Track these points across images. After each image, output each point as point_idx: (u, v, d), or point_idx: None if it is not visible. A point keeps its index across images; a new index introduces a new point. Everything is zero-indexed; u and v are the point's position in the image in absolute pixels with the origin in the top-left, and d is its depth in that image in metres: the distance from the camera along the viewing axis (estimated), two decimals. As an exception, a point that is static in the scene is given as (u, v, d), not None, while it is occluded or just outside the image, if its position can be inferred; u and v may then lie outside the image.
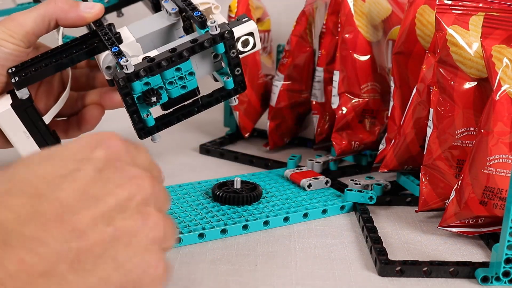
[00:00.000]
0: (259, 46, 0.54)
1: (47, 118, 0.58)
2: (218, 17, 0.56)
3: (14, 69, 0.55)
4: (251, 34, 0.53)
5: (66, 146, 0.35)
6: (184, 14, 0.55)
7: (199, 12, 0.52)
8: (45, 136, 0.59)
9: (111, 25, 0.55)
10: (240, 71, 0.53)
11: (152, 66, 0.48)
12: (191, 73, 0.51)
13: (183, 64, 0.50)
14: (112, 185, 0.33)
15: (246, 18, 0.54)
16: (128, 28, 0.56)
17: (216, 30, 0.49)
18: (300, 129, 0.79)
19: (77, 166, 0.33)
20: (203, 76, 0.53)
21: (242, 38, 0.53)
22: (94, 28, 0.56)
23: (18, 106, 0.56)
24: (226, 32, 0.50)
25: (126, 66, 0.48)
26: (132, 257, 0.32)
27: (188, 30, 0.55)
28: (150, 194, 0.34)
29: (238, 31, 0.53)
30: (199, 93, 0.53)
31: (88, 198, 0.32)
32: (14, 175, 0.32)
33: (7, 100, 0.56)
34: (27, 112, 0.56)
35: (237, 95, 0.55)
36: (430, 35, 0.58)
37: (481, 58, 0.51)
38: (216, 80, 0.55)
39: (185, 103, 0.54)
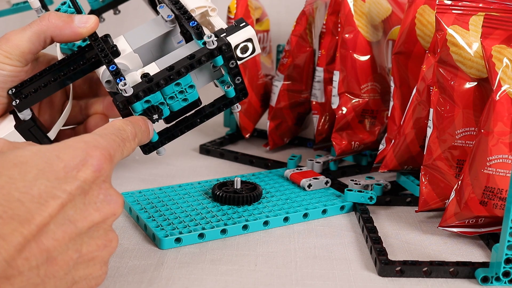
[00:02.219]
0: (258, 50, 0.54)
1: (52, 134, 0.58)
2: (215, 20, 0.55)
3: (14, 90, 0.55)
4: (249, 40, 0.53)
5: (49, 156, 0.36)
6: (180, 20, 0.55)
7: (195, 22, 0.51)
8: None
9: (107, 36, 0.54)
10: (240, 79, 0.52)
11: (151, 87, 0.48)
12: (191, 86, 0.50)
13: (182, 79, 0.49)
14: (92, 209, 0.37)
15: (244, 23, 0.53)
16: (124, 37, 0.55)
17: (213, 44, 0.49)
18: (300, 129, 0.79)
19: (59, 185, 0.35)
20: (203, 86, 0.53)
21: (241, 45, 0.52)
22: (90, 42, 0.55)
23: (22, 127, 0.56)
24: (223, 45, 0.49)
25: (124, 90, 0.48)
26: (87, 274, 0.37)
27: (186, 33, 0.55)
28: (119, 214, 0.39)
29: (236, 38, 0.52)
30: (201, 103, 0.53)
31: (65, 221, 0.35)
32: None
33: (10, 121, 0.56)
34: (31, 132, 0.56)
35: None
36: (430, 35, 0.58)
37: (481, 58, 0.51)
38: (217, 85, 0.55)
39: (188, 114, 0.53)
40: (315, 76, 0.72)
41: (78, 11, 0.58)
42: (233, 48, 0.51)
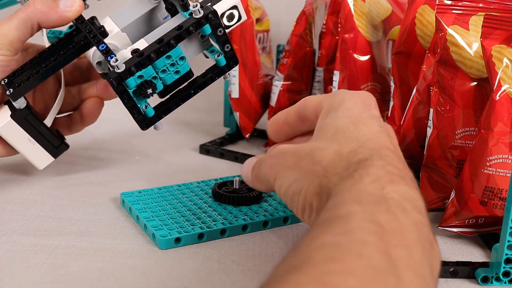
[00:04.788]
0: (244, 17, 0.54)
1: (48, 121, 0.58)
2: None
3: (6, 80, 0.55)
4: (235, 7, 0.53)
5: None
6: None
7: None
8: (49, 138, 0.59)
9: (93, 18, 0.55)
10: (229, 47, 0.53)
11: (142, 60, 0.49)
12: (182, 58, 0.51)
13: (172, 51, 0.50)
14: None
15: None
16: (111, 18, 0.56)
17: (200, 13, 0.49)
18: (300, 129, 0.79)
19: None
20: (194, 57, 0.53)
21: (227, 13, 0.53)
22: (77, 25, 0.55)
23: (18, 116, 0.56)
24: (210, 13, 0.50)
25: (117, 66, 0.48)
26: None
27: (171, 8, 0.55)
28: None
29: (221, 6, 0.53)
30: (193, 75, 0.54)
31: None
32: None
33: (6, 111, 0.57)
34: (27, 120, 0.57)
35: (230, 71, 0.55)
36: (430, 35, 0.58)
37: (481, 58, 0.51)
38: (207, 57, 0.56)
39: (181, 87, 0.54)
40: (315, 76, 0.72)
41: None
42: (219, 15, 0.51)
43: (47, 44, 0.58)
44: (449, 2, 0.52)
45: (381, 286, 0.27)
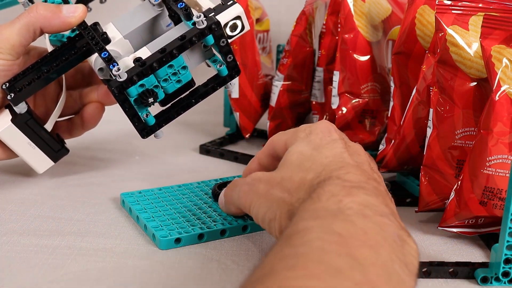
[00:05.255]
0: (247, 27, 0.54)
1: (48, 126, 0.58)
2: (203, 1, 0.55)
3: (8, 84, 0.55)
4: (238, 17, 0.53)
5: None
6: (167, 3, 0.55)
7: (183, 4, 0.52)
8: (50, 143, 0.59)
9: (96, 24, 0.55)
10: (232, 57, 0.53)
11: (144, 70, 0.48)
12: (184, 67, 0.51)
13: (175, 61, 0.50)
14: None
15: (231, 1, 0.54)
16: (113, 24, 0.55)
17: (203, 24, 0.49)
18: (300, 129, 0.79)
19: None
20: (196, 66, 0.53)
21: (230, 23, 0.53)
22: (80, 31, 0.55)
23: (19, 121, 0.56)
24: (213, 24, 0.50)
25: (119, 75, 0.48)
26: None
27: (174, 16, 0.55)
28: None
29: (225, 16, 0.53)
30: (195, 84, 0.54)
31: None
32: None
33: (7, 116, 0.57)
34: (28, 125, 0.57)
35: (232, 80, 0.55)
36: (430, 35, 0.58)
37: (480, 58, 0.51)
38: (209, 65, 0.56)
39: (182, 96, 0.54)
40: (315, 76, 0.72)
41: (65, 0, 0.58)
42: (222, 26, 0.51)
43: (49, 48, 0.58)
44: (449, 2, 0.52)
45: (346, 283, 0.28)
